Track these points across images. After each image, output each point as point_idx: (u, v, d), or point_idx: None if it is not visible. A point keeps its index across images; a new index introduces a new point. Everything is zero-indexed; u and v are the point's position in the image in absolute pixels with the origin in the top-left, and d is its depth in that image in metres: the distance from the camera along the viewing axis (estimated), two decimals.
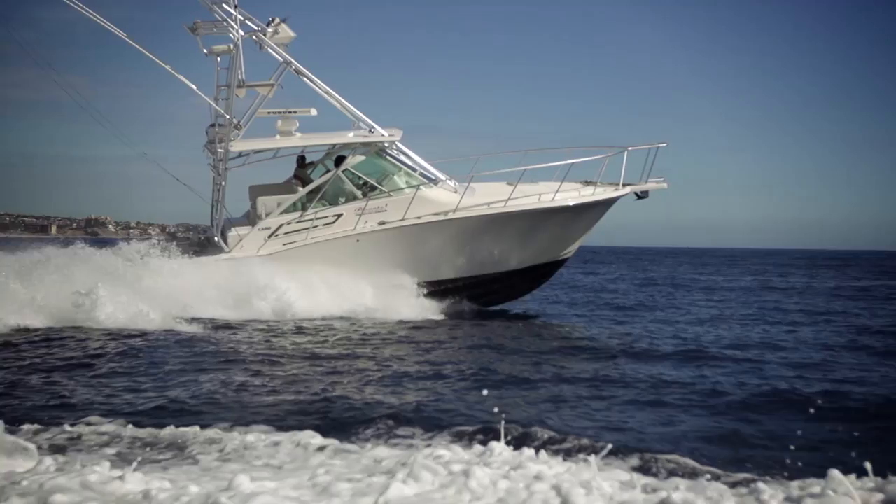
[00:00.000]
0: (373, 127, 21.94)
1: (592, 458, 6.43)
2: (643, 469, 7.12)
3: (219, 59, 22.59)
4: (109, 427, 8.58)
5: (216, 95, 22.52)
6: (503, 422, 7.44)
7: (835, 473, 5.81)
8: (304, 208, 21.46)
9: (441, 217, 21.13)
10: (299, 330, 18.00)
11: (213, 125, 22.54)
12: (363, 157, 21.90)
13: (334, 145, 22.76)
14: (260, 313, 19.43)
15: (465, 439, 7.85)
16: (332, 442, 7.76)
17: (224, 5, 21.37)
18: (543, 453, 6.70)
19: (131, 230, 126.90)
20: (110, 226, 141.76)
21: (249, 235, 21.37)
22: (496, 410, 8.03)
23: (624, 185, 22.15)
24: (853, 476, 5.94)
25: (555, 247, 22.62)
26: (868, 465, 5.93)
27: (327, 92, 22.25)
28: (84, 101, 24.21)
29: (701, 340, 17.36)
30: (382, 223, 21.17)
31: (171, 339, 15.82)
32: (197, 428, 8.38)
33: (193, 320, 17.82)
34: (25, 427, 8.42)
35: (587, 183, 22.49)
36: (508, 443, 6.96)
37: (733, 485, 6.45)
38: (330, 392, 10.79)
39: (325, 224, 21.22)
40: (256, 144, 22.61)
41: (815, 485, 5.98)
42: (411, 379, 12.04)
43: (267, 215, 21.46)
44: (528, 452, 6.67)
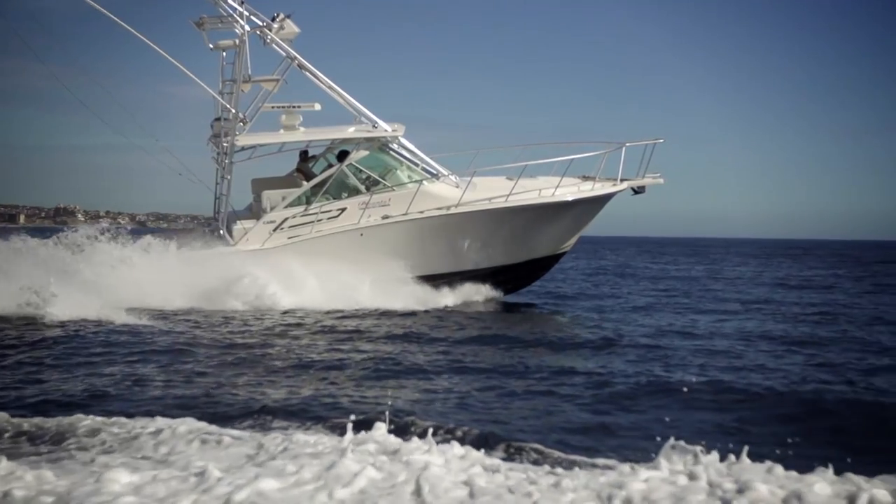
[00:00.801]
0: (376, 122, 22.24)
1: (455, 446, 6.54)
2: (508, 457, 7.09)
3: (224, 54, 22.78)
4: None
5: (221, 90, 22.69)
6: (387, 412, 7.52)
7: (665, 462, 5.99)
8: (309, 202, 21.57)
9: (444, 212, 21.21)
10: (245, 322, 17.51)
11: (219, 119, 22.65)
12: (367, 152, 21.84)
13: (337, 140, 22.65)
14: (231, 305, 19.11)
15: (342, 429, 7.46)
16: (211, 431, 7.62)
17: (230, 1, 21.59)
18: (417, 441, 6.63)
19: (101, 219, 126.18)
20: (79, 215, 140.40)
21: (255, 229, 21.65)
22: (385, 401, 8.47)
23: (622, 181, 22.30)
24: (711, 458, 6.02)
25: (554, 240, 23.12)
26: (711, 451, 6.04)
27: (331, 87, 22.45)
28: (79, 95, 24.09)
29: (621, 329, 17.48)
30: (386, 217, 21.46)
31: (97, 331, 15.31)
32: (82, 418, 8.20)
33: (143, 312, 17.27)
34: None
35: (585, 178, 22.63)
36: (390, 432, 6.95)
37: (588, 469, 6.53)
38: (224, 384, 10.71)
39: (330, 218, 21.25)
40: (262, 139, 22.45)
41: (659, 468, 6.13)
42: (314, 369, 11.97)
43: (272, 209, 21.48)
44: (399, 441, 6.68)
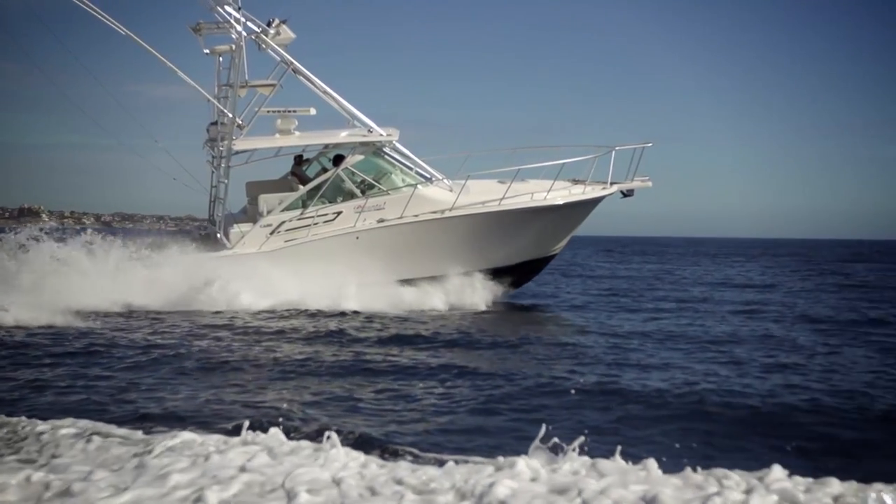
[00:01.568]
0: (371, 127, 22.48)
1: (336, 441, 6.65)
2: (385, 459, 7.07)
3: (220, 59, 22.95)
4: None
5: (217, 94, 22.87)
6: (280, 415, 7.86)
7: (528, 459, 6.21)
8: (305, 206, 21.75)
9: (439, 215, 21.48)
10: (173, 324, 17.22)
11: (215, 123, 22.83)
12: (362, 157, 22.07)
13: (332, 144, 22.79)
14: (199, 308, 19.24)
15: (229, 431, 7.73)
16: (99, 431, 7.60)
17: (227, 7, 21.73)
18: (294, 443, 6.80)
19: (65, 220, 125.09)
20: (44, 215, 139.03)
21: (251, 232, 21.85)
22: (279, 404, 8.69)
23: (611, 184, 22.61)
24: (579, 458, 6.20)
25: (546, 242, 23.59)
26: (583, 450, 6.21)
27: (326, 92, 22.69)
28: (72, 95, 24.25)
29: (545, 329, 17.54)
30: (382, 221, 21.83)
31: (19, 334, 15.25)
32: None
33: (80, 314, 17.20)
34: None
35: (576, 181, 22.81)
36: (286, 433, 7.11)
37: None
38: (125, 387, 10.69)
39: (326, 221, 21.44)
40: (259, 143, 22.58)
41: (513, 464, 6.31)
42: (222, 371, 11.94)
43: (269, 212, 21.63)
44: (281, 442, 6.81)
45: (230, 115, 21.70)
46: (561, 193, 22.25)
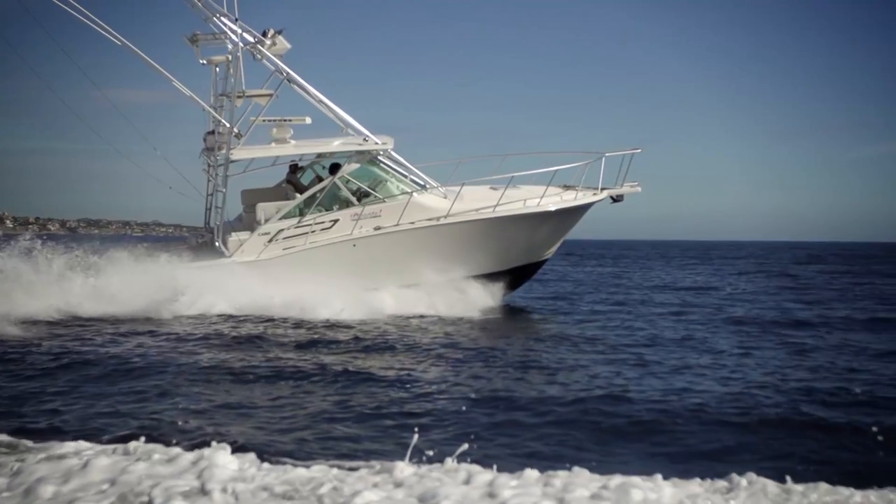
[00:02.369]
0: (367, 136, 22.68)
1: (214, 451, 6.78)
2: (264, 461, 7.13)
3: (217, 69, 23.11)
4: None
5: (213, 104, 23.01)
6: (176, 421, 8.11)
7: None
8: (303, 214, 21.63)
9: (434, 222, 21.46)
10: (99, 331, 16.89)
11: (212, 132, 22.92)
12: (358, 165, 22.07)
13: (328, 153, 22.80)
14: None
15: (119, 438, 7.83)
16: None
17: (224, 19, 21.88)
18: (174, 451, 6.94)
19: (30, 226, 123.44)
20: (8, 221, 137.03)
21: (250, 240, 21.71)
22: (170, 412, 8.93)
23: (602, 190, 22.70)
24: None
25: (538, 248, 23.43)
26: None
27: (320, 101, 22.89)
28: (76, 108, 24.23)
29: (466, 335, 17.04)
30: (378, 228, 21.64)
31: None
32: None
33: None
34: None
35: (567, 187, 22.80)
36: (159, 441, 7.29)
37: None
38: (11, 394, 10.66)
39: (323, 229, 21.25)
40: (257, 153, 22.45)
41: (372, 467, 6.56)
42: (130, 378, 11.83)
43: (266, 221, 21.53)
44: (159, 449, 6.98)
45: (227, 125, 21.91)
46: (553, 200, 22.51)
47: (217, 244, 21.31)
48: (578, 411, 9.89)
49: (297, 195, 21.94)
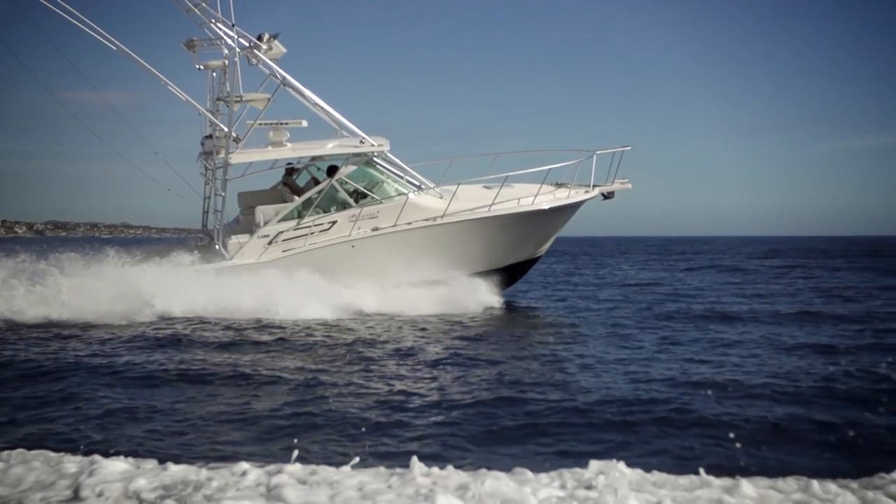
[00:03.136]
0: (363, 137, 22.94)
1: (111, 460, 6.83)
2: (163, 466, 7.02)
3: (214, 74, 23.21)
4: None
5: (210, 108, 23.12)
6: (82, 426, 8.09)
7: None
8: (301, 216, 21.73)
9: (431, 223, 21.38)
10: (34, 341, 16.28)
11: (210, 137, 23.03)
12: (355, 167, 21.86)
13: (326, 155, 22.87)
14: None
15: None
16: None
17: (220, 25, 22.03)
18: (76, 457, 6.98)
19: None
20: None
21: (249, 243, 21.73)
22: (75, 417, 8.89)
23: (594, 187, 23.09)
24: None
25: (532, 245, 23.65)
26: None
27: (316, 104, 23.11)
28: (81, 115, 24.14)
29: (390, 335, 16.86)
30: (376, 229, 21.81)
31: None
32: None
33: None
34: None
35: (559, 185, 22.70)
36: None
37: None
38: None
39: (322, 231, 21.20)
40: (255, 156, 22.09)
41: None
42: (44, 381, 11.76)
43: (265, 223, 21.64)
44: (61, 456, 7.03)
45: (226, 129, 22.06)
46: (546, 198, 22.93)
47: (217, 247, 21.46)
48: (472, 413, 9.75)
49: (294, 197, 22.07)
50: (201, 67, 22.00)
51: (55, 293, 18.90)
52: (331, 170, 21.89)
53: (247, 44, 21.27)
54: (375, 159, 22.30)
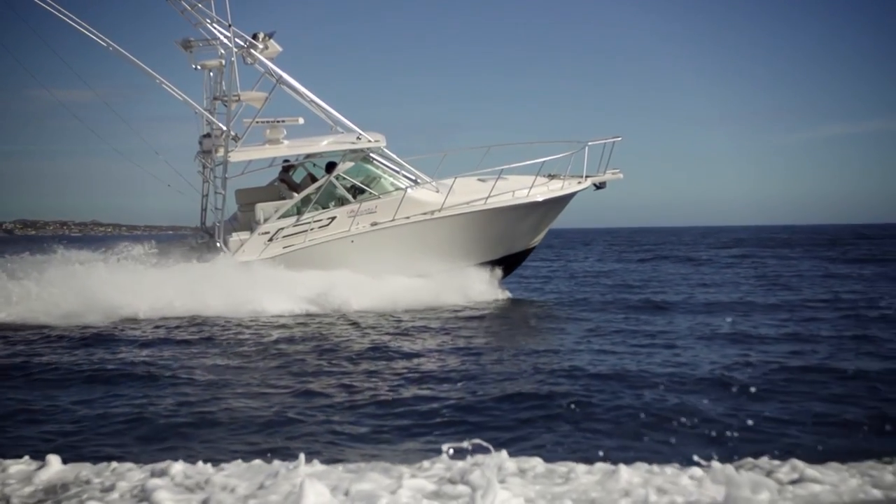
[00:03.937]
0: (360, 133, 23.35)
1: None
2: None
3: (211, 74, 23.73)
4: None
5: (206, 107, 23.63)
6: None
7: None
8: (300, 213, 22.02)
9: (429, 216, 21.77)
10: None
11: (208, 136, 23.58)
12: (352, 163, 21.98)
13: (325, 153, 23.25)
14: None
15: None
16: None
17: (216, 25, 22.51)
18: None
19: None
20: None
21: (250, 240, 22.10)
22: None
23: (586, 178, 22.87)
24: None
25: (527, 236, 23.92)
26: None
27: (312, 101, 23.56)
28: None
29: (333, 332, 16.90)
30: (374, 224, 22.31)
31: None
32: None
33: None
34: None
35: (551, 176, 22.69)
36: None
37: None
38: None
39: (321, 227, 21.40)
40: (254, 154, 22.05)
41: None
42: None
43: (265, 220, 21.79)
44: None
45: (224, 128, 22.56)
46: (540, 190, 23.15)
47: (218, 244, 21.97)
48: (372, 411, 9.95)
49: (291, 193, 22.30)
50: (198, 67, 22.15)
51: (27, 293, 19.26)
52: (329, 166, 22.09)
53: (243, 43, 21.47)
54: (372, 155, 22.50)
